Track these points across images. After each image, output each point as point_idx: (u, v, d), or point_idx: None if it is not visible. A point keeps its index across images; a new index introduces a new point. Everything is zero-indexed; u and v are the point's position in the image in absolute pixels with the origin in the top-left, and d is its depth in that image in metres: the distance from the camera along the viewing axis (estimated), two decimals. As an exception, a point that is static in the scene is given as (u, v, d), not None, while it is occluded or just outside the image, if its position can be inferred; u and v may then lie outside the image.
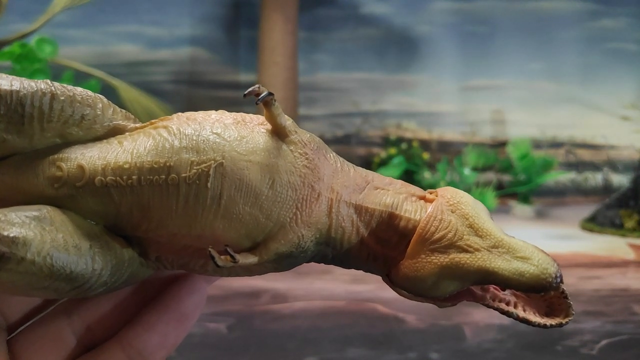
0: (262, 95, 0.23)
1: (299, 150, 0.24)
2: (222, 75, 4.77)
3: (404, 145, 4.52)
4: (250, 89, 0.24)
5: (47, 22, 3.07)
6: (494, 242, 0.24)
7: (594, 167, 4.91)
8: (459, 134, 4.95)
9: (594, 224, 3.34)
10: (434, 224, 0.24)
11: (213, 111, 0.25)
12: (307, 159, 0.24)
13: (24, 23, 3.17)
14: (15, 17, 3.40)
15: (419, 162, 4.25)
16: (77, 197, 0.23)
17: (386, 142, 4.72)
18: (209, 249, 0.22)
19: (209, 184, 0.23)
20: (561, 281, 0.23)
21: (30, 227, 0.21)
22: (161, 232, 0.23)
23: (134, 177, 0.23)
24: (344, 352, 1.41)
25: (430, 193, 0.26)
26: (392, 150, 4.41)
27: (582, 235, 3.21)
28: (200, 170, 0.23)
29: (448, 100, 4.95)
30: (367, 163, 4.76)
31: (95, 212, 0.24)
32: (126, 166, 0.23)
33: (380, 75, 4.95)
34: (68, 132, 0.24)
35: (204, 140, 0.23)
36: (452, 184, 3.00)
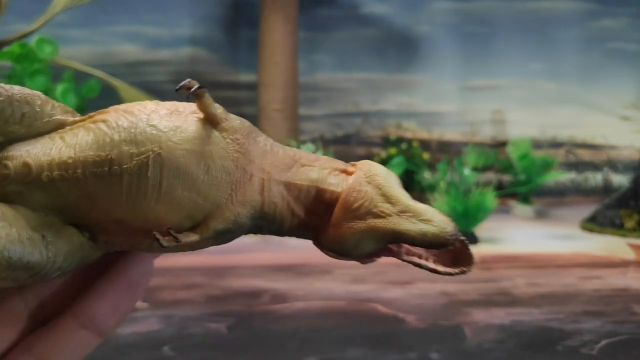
0: (193, 89, 0.26)
1: (231, 137, 0.26)
2: (222, 75, 4.77)
3: (404, 145, 4.52)
4: (181, 84, 0.26)
5: (47, 22, 3.07)
6: (403, 207, 0.27)
7: (594, 167, 4.91)
8: (459, 134, 4.95)
9: (594, 224, 3.34)
10: (352, 195, 0.27)
11: (149, 102, 0.27)
12: (238, 143, 0.26)
13: (24, 23, 3.17)
14: (15, 17, 3.41)
15: (419, 162, 4.25)
16: (25, 192, 0.25)
17: (386, 142, 4.72)
18: (154, 232, 0.25)
19: (149, 174, 0.24)
20: (458, 237, 0.27)
21: None
22: (108, 219, 0.25)
23: (78, 170, 0.25)
24: (344, 352, 1.41)
25: (352, 165, 0.30)
26: (392, 150, 4.41)
27: (582, 235, 3.21)
28: (140, 161, 0.25)
29: (448, 100, 4.95)
30: (367, 163, 4.74)
31: (44, 204, 0.25)
32: (70, 161, 0.25)
33: (380, 75, 4.95)
34: (9, 131, 0.25)
35: (141, 133, 0.25)
36: (452, 184, 3.00)
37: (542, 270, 2.32)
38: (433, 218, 0.27)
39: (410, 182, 4.02)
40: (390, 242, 0.27)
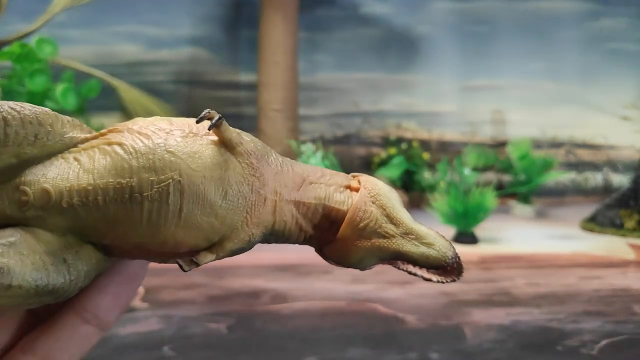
0: (214, 121, 0.26)
1: (246, 161, 0.27)
2: (222, 75, 4.77)
3: (404, 145, 4.52)
4: (202, 115, 0.26)
5: (47, 22, 3.07)
6: (406, 229, 0.29)
7: (594, 167, 4.91)
8: (459, 134, 4.95)
9: (594, 224, 3.34)
10: (359, 215, 0.29)
11: (162, 121, 0.27)
12: (253, 168, 0.27)
13: (24, 23, 3.17)
14: (15, 17, 3.41)
15: (419, 162, 4.25)
16: (44, 217, 0.25)
17: (386, 142, 4.72)
18: (177, 260, 0.26)
19: (169, 201, 0.25)
20: (457, 259, 0.30)
21: (10, 254, 0.23)
22: (126, 241, 0.26)
23: (99, 197, 0.25)
24: (344, 352, 1.41)
25: (354, 177, 0.31)
26: (392, 150, 4.41)
27: (582, 235, 3.21)
28: (160, 188, 0.25)
29: (448, 100, 4.95)
30: (367, 163, 4.76)
31: (63, 227, 0.25)
32: (90, 187, 0.25)
33: (380, 75, 4.95)
34: (23, 152, 0.25)
35: (160, 159, 0.25)
36: (452, 184, 3.00)
37: (542, 270, 2.32)
38: (435, 242, 0.29)
39: (410, 182, 4.02)
40: (392, 260, 0.29)
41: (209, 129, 0.26)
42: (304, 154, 3.36)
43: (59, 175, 0.25)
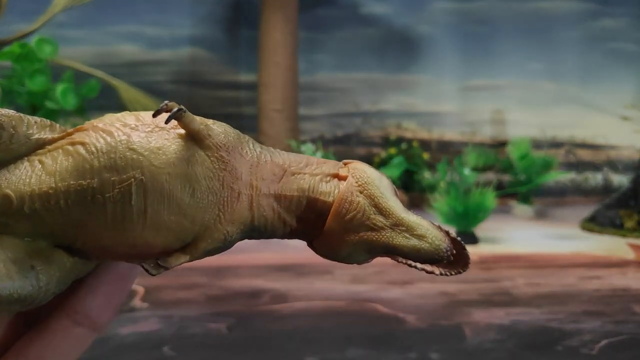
0: (172, 113, 0.24)
1: (215, 155, 0.25)
2: (222, 75, 4.77)
3: (404, 145, 4.52)
4: (159, 107, 0.25)
5: (47, 22, 3.07)
6: (396, 220, 0.27)
7: (594, 167, 4.91)
8: (459, 134, 4.95)
9: (594, 224, 3.34)
10: (345, 206, 0.27)
11: (130, 116, 0.25)
12: (223, 162, 0.25)
13: (24, 23, 3.17)
14: (15, 17, 3.41)
15: (419, 162, 4.25)
16: (9, 223, 0.24)
17: (386, 142, 4.72)
18: (142, 264, 0.25)
19: (132, 202, 0.24)
20: (452, 251, 0.28)
21: None
22: (97, 244, 0.25)
23: (61, 200, 0.24)
24: (344, 352, 1.41)
25: (345, 164, 0.29)
26: (392, 150, 4.41)
27: (582, 235, 3.21)
28: (122, 188, 0.24)
29: (448, 100, 4.95)
30: (367, 163, 4.73)
31: (30, 232, 0.24)
32: (51, 191, 0.24)
33: (380, 75, 4.95)
34: None
35: (121, 157, 0.24)
36: (452, 184, 3.00)
37: (542, 270, 2.32)
38: (427, 234, 0.27)
39: (410, 182, 4.02)
40: (383, 254, 0.27)
41: (166, 122, 0.24)
42: (304, 154, 3.35)
43: (21, 179, 0.24)
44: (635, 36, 4.93)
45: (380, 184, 0.27)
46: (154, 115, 0.25)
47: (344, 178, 0.28)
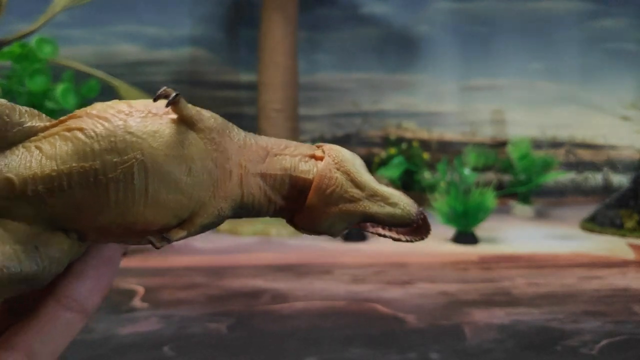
0: (171, 98, 0.26)
1: (207, 137, 0.27)
2: (222, 75, 4.77)
3: (404, 145, 4.52)
4: (158, 92, 0.26)
5: (47, 22, 3.07)
6: (371, 192, 0.30)
7: (594, 167, 4.91)
8: (459, 134, 4.95)
9: (594, 224, 3.34)
10: (324, 182, 0.29)
11: (121, 103, 0.27)
12: (215, 143, 0.27)
13: (24, 23, 3.17)
14: (15, 17, 3.41)
15: (419, 162, 4.25)
16: (10, 206, 0.25)
17: (386, 142, 4.72)
18: (148, 237, 0.26)
19: (134, 181, 0.25)
20: (422, 216, 0.31)
21: None
22: (96, 224, 0.26)
23: (63, 182, 0.25)
24: (344, 352, 1.41)
25: (318, 147, 0.32)
26: (392, 150, 4.41)
27: (582, 235, 3.21)
28: (124, 169, 0.25)
29: (448, 100, 4.95)
30: (367, 163, 4.72)
31: (30, 215, 0.25)
32: (54, 174, 0.25)
33: (380, 75, 4.95)
34: None
35: (121, 140, 0.25)
36: (452, 184, 3.00)
37: (542, 270, 2.32)
38: (399, 202, 0.30)
39: (410, 182, 4.02)
40: (361, 222, 0.30)
41: (166, 107, 0.26)
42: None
43: (21, 164, 0.25)
44: (635, 36, 4.93)
45: (355, 162, 0.30)
46: (155, 100, 0.26)
47: (320, 158, 0.30)
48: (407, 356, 1.39)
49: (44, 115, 0.27)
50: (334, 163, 0.30)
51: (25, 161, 0.25)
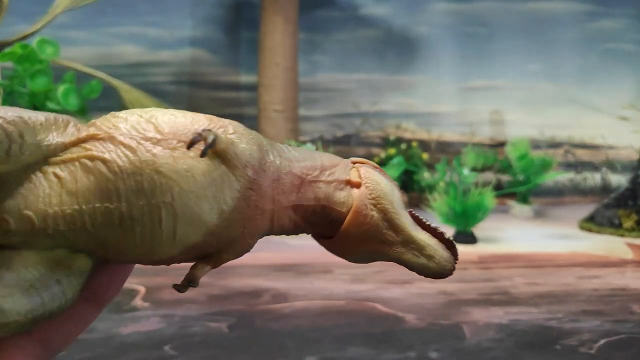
0: (209, 143, 0.24)
1: (242, 175, 0.25)
2: (222, 76, 4.78)
3: (403, 146, 4.52)
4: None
5: (48, 24, 3.08)
6: (406, 238, 0.28)
7: (593, 167, 4.92)
8: (458, 135, 4.96)
9: (592, 223, 3.35)
10: (359, 219, 0.28)
11: (147, 123, 0.24)
12: (249, 181, 0.25)
13: (26, 24, 3.18)
14: (16, 19, 3.41)
15: (418, 162, 4.26)
16: (30, 241, 0.23)
17: (385, 142, 4.73)
18: (174, 285, 0.26)
19: (162, 226, 0.23)
20: (454, 269, 0.30)
21: (1, 292, 0.22)
22: (121, 258, 0.25)
23: (86, 222, 0.23)
24: (344, 351, 1.42)
25: (354, 164, 0.30)
26: (392, 151, 4.42)
27: (580, 234, 3.22)
28: (152, 212, 0.23)
29: (447, 101, 4.95)
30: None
31: (51, 246, 0.24)
32: (76, 213, 0.23)
33: (379, 76, 4.96)
34: None
35: (149, 181, 0.23)
36: (451, 184, 3.01)
37: (540, 270, 2.33)
38: (435, 255, 0.28)
39: (409, 182, 4.03)
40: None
41: (202, 156, 0.24)
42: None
43: (40, 198, 0.23)
44: (634, 37, 4.94)
45: (392, 198, 0.28)
46: (189, 147, 0.24)
47: (356, 185, 0.29)
48: (406, 355, 1.40)
49: (61, 121, 0.24)
50: (370, 198, 0.28)
51: (44, 195, 0.23)
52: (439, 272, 0.28)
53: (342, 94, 4.93)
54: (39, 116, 0.23)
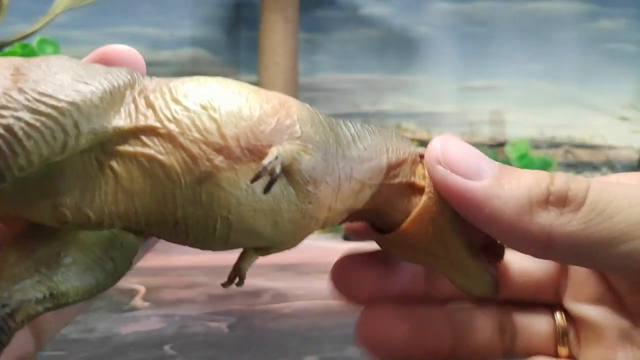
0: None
1: (302, 190, 0.24)
2: (222, 76, 4.74)
3: (403, 146, 4.52)
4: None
5: (48, 23, 3.08)
6: (455, 257, 0.28)
7: (593, 167, 4.92)
8: (458, 134, 4.94)
9: (592, 224, 3.35)
10: (414, 229, 0.27)
11: (209, 119, 0.24)
12: (309, 196, 0.24)
13: (25, 24, 3.18)
14: (16, 18, 3.42)
15: (418, 162, 4.26)
16: (86, 229, 0.24)
17: (386, 142, 4.73)
18: (222, 284, 0.28)
19: (216, 234, 0.24)
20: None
21: (61, 276, 0.23)
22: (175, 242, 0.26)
23: (142, 223, 0.24)
24: (344, 351, 1.42)
25: (421, 159, 0.28)
26: (392, 151, 4.42)
27: (580, 235, 3.22)
28: (207, 222, 0.24)
29: (447, 101, 4.96)
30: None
31: (104, 233, 0.25)
32: (131, 214, 0.23)
33: (379, 76, 4.96)
34: (50, 163, 0.22)
35: (207, 193, 0.23)
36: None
37: (540, 270, 2.33)
38: (481, 282, 0.29)
39: (409, 183, 4.03)
40: None
41: (265, 192, 0.23)
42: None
43: (96, 193, 0.23)
44: (634, 37, 4.94)
45: (452, 215, 0.27)
46: (252, 181, 0.23)
47: (420, 190, 0.28)
48: (406, 355, 1.40)
49: (117, 90, 0.24)
50: (430, 211, 0.27)
51: (101, 190, 0.23)
52: (478, 295, 0.29)
53: (342, 94, 4.94)
54: (93, 97, 0.22)
